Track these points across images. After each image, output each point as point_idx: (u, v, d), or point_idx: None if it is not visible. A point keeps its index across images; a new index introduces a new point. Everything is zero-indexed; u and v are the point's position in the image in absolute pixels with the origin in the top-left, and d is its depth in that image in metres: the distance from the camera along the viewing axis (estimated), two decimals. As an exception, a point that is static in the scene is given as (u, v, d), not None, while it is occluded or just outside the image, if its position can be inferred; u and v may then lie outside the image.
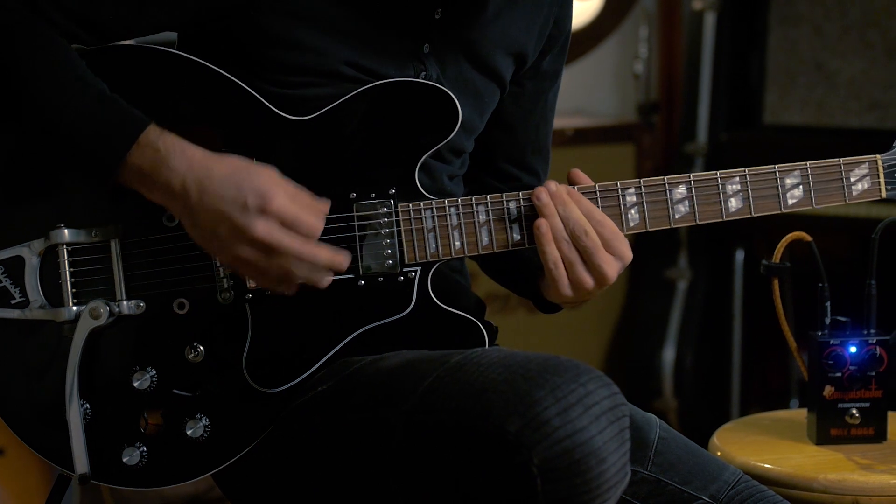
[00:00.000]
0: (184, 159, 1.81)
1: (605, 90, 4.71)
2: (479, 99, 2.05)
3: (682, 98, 4.48)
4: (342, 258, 1.84)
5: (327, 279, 1.85)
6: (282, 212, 1.78)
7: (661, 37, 4.68)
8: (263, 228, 1.78)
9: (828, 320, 2.30)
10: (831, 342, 2.28)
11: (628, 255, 1.91)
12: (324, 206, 1.83)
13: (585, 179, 1.94)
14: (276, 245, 1.79)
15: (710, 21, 4.37)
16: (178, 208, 1.83)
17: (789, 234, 2.28)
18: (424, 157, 1.92)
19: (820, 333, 2.29)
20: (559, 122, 4.03)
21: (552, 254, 1.88)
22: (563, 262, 1.89)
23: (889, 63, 4.10)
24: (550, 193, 1.90)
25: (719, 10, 4.36)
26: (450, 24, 1.98)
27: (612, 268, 1.90)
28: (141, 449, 1.91)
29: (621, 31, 4.51)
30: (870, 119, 4.08)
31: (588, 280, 1.89)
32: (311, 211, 1.81)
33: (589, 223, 1.88)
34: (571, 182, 1.94)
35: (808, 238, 2.28)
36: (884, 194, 2.00)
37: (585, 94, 4.59)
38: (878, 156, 1.99)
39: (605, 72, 4.67)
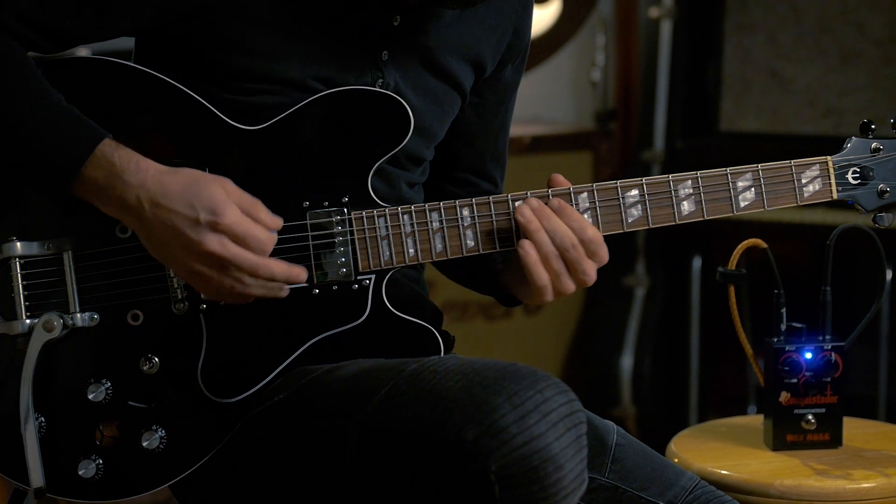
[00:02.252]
0: (138, 173, 1.81)
1: (562, 98, 4.72)
2: (439, 106, 2.05)
3: (639, 105, 4.49)
4: (298, 271, 1.84)
5: (284, 291, 1.84)
6: (233, 227, 1.79)
7: (618, 44, 4.70)
8: (215, 243, 1.78)
9: (783, 327, 2.31)
10: (787, 348, 2.29)
11: (606, 256, 1.92)
12: (276, 221, 1.84)
13: (564, 182, 1.94)
14: (228, 259, 1.79)
15: (666, 29, 4.39)
16: (132, 222, 1.83)
17: (745, 241, 2.29)
18: (377, 164, 1.92)
19: (776, 340, 2.30)
20: (517, 130, 4.06)
21: (540, 276, 1.88)
22: (550, 276, 1.89)
23: (843, 70, 4.12)
24: (533, 209, 1.90)
25: (675, 17, 4.38)
26: (408, 31, 1.98)
27: (594, 271, 1.91)
28: (97, 461, 1.90)
29: (578, 39, 4.52)
30: (825, 125, 4.10)
31: (571, 286, 1.90)
32: (263, 226, 1.81)
33: (574, 235, 1.89)
34: (551, 186, 1.94)
35: (764, 245, 2.29)
36: (835, 195, 2.01)
37: (543, 101, 4.60)
38: (828, 157, 2.00)
39: (562, 79, 4.68)
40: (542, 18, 4.28)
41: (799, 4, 4.18)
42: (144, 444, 1.89)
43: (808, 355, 2.28)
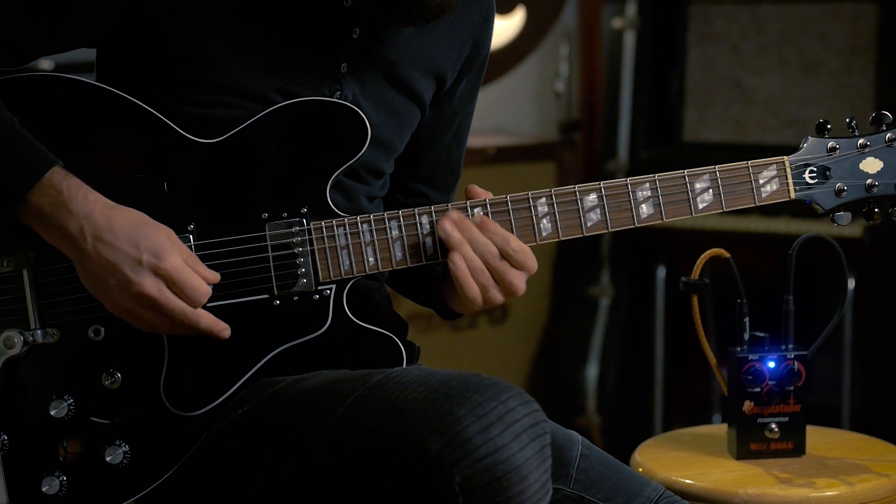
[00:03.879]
0: (85, 204, 1.81)
1: (526, 109, 4.73)
2: (398, 119, 2.05)
3: (603, 116, 4.51)
4: (223, 327, 1.86)
5: (225, 333, 1.86)
6: (173, 273, 1.80)
7: (582, 55, 4.71)
8: (152, 286, 1.80)
9: (747, 336, 2.32)
10: (750, 358, 2.29)
11: (534, 266, 1.92)
12: (214, 276, 1.85)
13: (482, 193, 1.95)
14: (160, 304, 1.81)
15: (629, 40, 4.41)
16: (71, 252, 1.83)
17: (708, 251, 2.30)
18: (335, 175, 1.92)
19: (739, 349, 2.31)
20: (481, 141, 4.07)
21: (471, 289, 1.89)
22: (479, 288, 1.89)
23: (805, 80, 4.15)
24: (453, 222, 1.90)
25: (639, 28, 4.40)
26: (368, 43, 1.98)
27: (522, 281, 1.91)
28: (60, 478, 1.89)
29: (542, 50, 4.53)
30: (787, 135, 4.13)
31: (500, 297, 1.91)
32: (201, 278, 1.83)
33: (496, 246, 1.89)
34: (469, 198, 1.95)
35: (727, 254, 2.30)
36: (792, 195, 2.01)
37: (507, 112, 4.61)
38: (785, 157, 2.01)
39: (526, 90, 4.69)
40: (506, 29, 4.29)
41: (761, 16, 4.21)
42: (108, 459, 1.88)
43: (771, 364, 2.29)
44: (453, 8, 1.94)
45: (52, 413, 1.88)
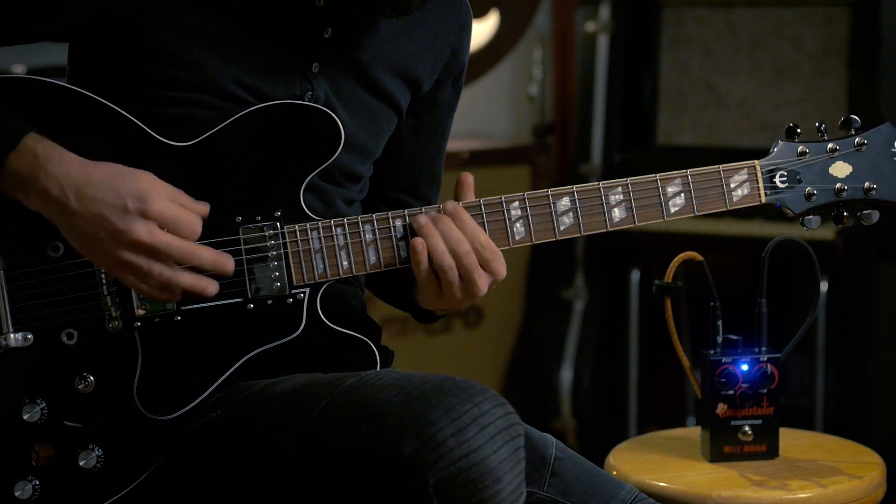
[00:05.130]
0: (62, 164, 1.79)
1: (500, 112, 4.74)
2: (374, 122, 2.05)
3: (577, 119, 4.52)
4: (225, 260, 1.84)
5: (212, 287, 1.84)
6: (162, 213, 1.78)
7: (556, 59, 4.72)
8: (144, 231, 1.77)
9: (720, 339, 2.32)
10: (723, 360, 2.30)
11: (502, 271, 1.93)
12: (203, 207, 1.83)
13: (469, 193, 1.95)
14: (157, 246, 1.78)
15: (603, 43, 4.42)
16: (56, 215, 1.81)
17: (681, 255, 2.30)
18: (309, 178, 1.92)
19: (712, 352, 2.31)
20: (456, 145, 4.07)
21: (425, 271, 1.89)
22: (440, 279, 1.89)
23: (778, 83, 4.17)
24: (431, 217, 1.91)
25: (612, 32, 4.41)
26: (340, 44, 1.98)
27: (485, 284, 1.92)
28: (33, 482, 1.88)
29: (516, 54, 4.54)
30: (761, 139, 4.15)
31: (458, 294, 1.91)
32: (190, 211, 1.81)
33: (469, 243, 1.89)
34: (458, 195, 1.95)
35: (700, 258, 2.30)
36: (763, 199, 2.02)
37: (481, 116, 4.61)
38: (756, 161, 2.02)
39: (500, 94, 4.69)
40: (480, 33, 4.29)
41: (734, 19, 4.22)
42: (81, 463, 1.88)
43: (745, 367, 2.30)
44: (429, 1, 1.94)
45: (24, 417, 1.87)
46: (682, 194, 1.99)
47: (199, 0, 1.89)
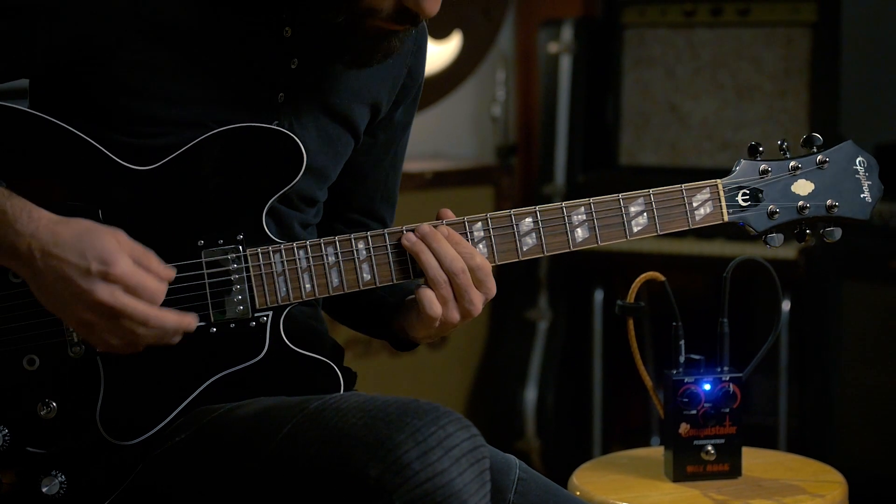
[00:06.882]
0: (30, 222, 1.78)
1: (463, 133, 4.75)
2: (333, 148, 2.05)
3: (540, 140, 4.53)
4: (190, 320, 1.83)
5: (177, 339, 1.83)
6: (125, 277, 1.77)
7: (519, 80, 4.74)
8: (106, 293, 1.76)
9: (682, 359, 2.33)
10: (685, 380, 2.30)
11: (493, 289, 1.93)
12: (169, 272, 1.83)
13: (452, 216, 1.96)
14: (119, 309, 1.77)
15: (565, 64, 4.43)
16: (23, 271, 1.80)
17: (643, 275, 2.31)
18: (271, 201, 1.92)
19: (674, 372, 2.32)
20: (419, 165, 4.08)
21: (433, 306, 1.89)
22: (438, 300, 1.90)
23: (739, 103, 4.19)
24: (422, 234, 1.91)
25: (575, 53, 4.42)
26: (305, 74, 1.98)
27: (480, 302, 1.92)
28: (-5, 508, 1.87)
29: (479, 75, 4.55)
30: (722, 158, 4.17)
31: (456, 316, 1.91)
32: (154, 276, 1.80)
33: (463, 261, 1.90)
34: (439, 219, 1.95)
35: (662, 278, 2.31)
36: (726, 218, 2.03)
37: (444, 137, 4.62)
38: (718, 180, 2.03)
39: (463, 115, 4.70)
40: (443, 54, 4.30)
41: (696, 40, 4.25)
42: (44, 490, 1.87)
43: (707, 387, 2.30)
44: (392, 55, 1.94)
45: (-14, 444, 1.87)
46: (645, 214, 2.00)
47: (166, 36, 1.89)
